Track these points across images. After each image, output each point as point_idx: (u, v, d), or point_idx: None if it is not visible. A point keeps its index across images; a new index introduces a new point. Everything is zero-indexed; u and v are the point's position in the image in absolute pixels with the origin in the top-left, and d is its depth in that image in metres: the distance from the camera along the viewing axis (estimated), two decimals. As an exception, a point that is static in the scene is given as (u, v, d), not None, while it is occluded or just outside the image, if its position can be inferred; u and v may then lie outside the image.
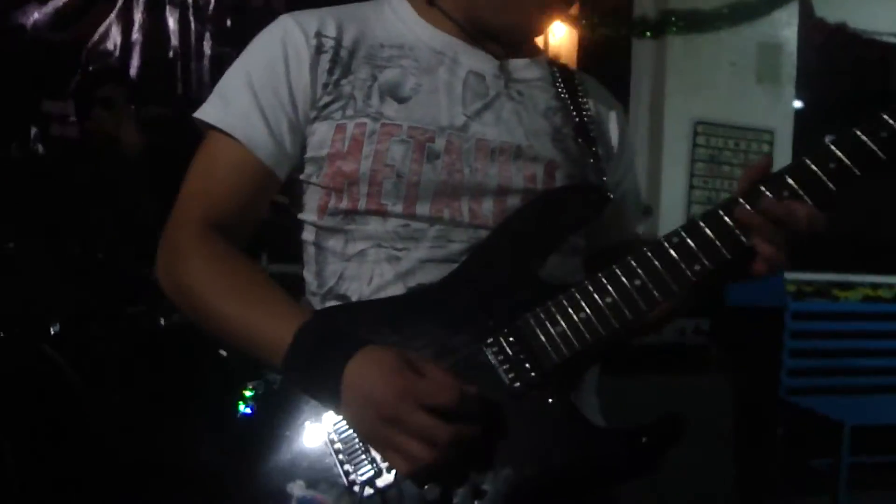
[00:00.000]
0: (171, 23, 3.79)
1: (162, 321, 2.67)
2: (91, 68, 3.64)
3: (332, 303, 1.05)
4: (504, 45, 1.12)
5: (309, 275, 1.10)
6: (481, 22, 1.10)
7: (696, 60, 3.41)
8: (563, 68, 1.20)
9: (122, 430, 2.41)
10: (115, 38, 3.74)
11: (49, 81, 3.60)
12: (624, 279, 0.94)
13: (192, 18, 3.82)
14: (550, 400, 0.93)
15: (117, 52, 3.75)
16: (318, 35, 1.06)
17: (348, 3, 1.16)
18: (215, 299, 0.99)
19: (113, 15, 3.67)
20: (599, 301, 0.94)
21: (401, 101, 1.05)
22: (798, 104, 3.72)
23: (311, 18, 1.09)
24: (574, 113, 1.14)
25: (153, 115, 3.37)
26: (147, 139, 3.02)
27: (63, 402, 2.37)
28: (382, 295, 1.01)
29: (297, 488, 0.93)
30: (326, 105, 1.05)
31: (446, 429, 0.85)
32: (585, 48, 3.42)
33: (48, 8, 3.58)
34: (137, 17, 3.73)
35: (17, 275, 2.59)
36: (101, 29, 3.67)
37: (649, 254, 0.95)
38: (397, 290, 1.01)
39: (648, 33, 3.26)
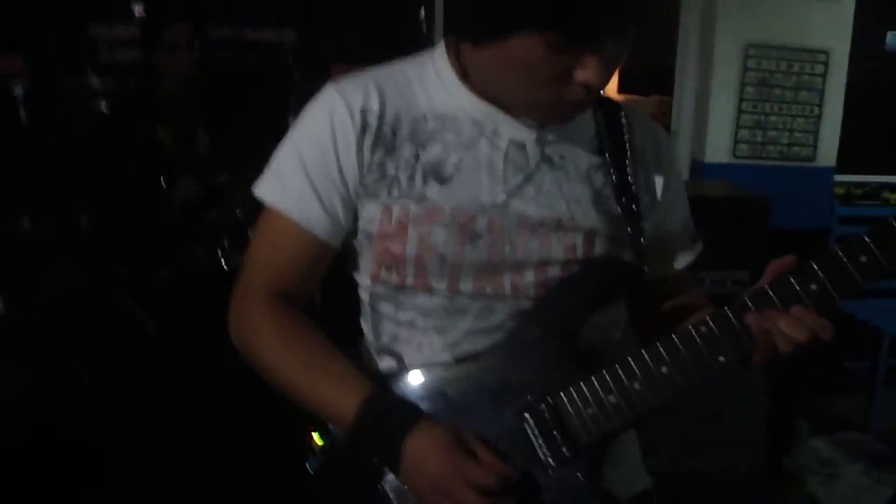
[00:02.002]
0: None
1: (224, 263, 2.78)
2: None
3: (387, 358, 1.15)
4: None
5: (366, 326, 1.19)
6: (505, 108, 1.11)
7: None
8: (608, 111, 1.20)
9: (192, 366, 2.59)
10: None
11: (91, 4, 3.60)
12: (652, 366, 1.01)
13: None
14: (579, 474, 1.04)
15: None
16: (363, 112, 1.10)
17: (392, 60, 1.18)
18: (285, 369, 1.10)
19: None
20: (629, 387, 1.02)
21: (443, 181, 1.09)
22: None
23: (356, 91, 1.12)
24: (615, 171, 1.16)
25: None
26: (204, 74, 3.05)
27: (137, 340, 2.55)
28: (433, 361, 1.11)
29: None
30: (373, 185, 1.10)
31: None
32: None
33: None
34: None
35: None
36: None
37: (677, 341, 1.01)
38: (446, 357, 1.10)
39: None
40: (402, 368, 1.12)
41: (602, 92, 1.11)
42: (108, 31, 3.54)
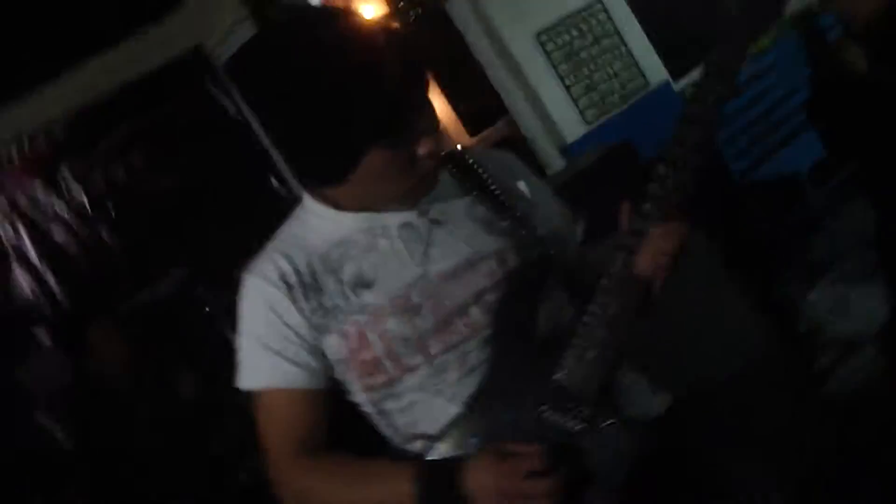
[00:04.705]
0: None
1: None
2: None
3: (416, 442, 1.29)
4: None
5: (384, 429, 1.32)
6: (377, 209, 1.29)
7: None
8: (456, 161, 1.39)
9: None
10: (25, 283, 3.85)
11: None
12: (600, 312, 1.20)
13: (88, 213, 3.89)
14: (606, 422, 1.20)
15: (36, 287, 3.86)
16: (281, 277, 1.27)
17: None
18: (337, 499, 1.25)
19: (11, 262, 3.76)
20: (597, 337, 1.20)
21: (370, 286, 1.27)
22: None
23: (267, 266, 1.29)
24: (487, 200, 1.35)
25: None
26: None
27: None
28: (450, 419, 1.26)
29: None
30: (321, 323, 1.26)
31: (549, 481, 1.13)
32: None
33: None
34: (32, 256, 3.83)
35: None
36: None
37: (605, 283, 1.21)
38: (457, 409, 1.26)
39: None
40: (431, 440, 1.27)
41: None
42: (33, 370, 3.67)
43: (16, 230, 3.87)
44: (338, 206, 1.31)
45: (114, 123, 3.89)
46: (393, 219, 1.30)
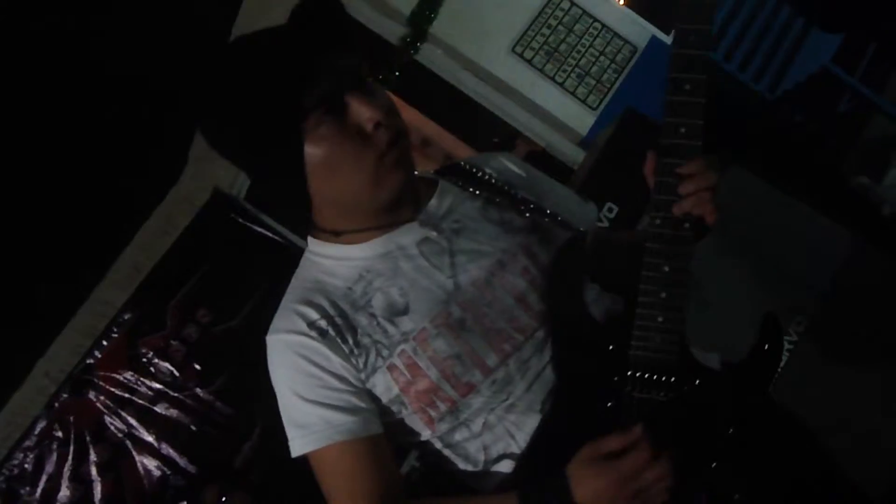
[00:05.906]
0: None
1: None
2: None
3: (503, 463, 1.21)
4: (409, 204, 1.24)
5: (460, 466, 1.23)
6: (375, 212, 1.20)
7: (460, 24, 3.62)
8: (451, 171, 1.35)
9: None
10: (151, 465, 4.00)
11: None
12: (654, 275, 1.13)
13: (178, 379, 4.06)
14: (697, 381, 1.13)
15: (161, 465, 4.00)
16: (310, 325, 1.18)
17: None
18: None
19: (133, 453, 3.94)
20: (657, 300, 1.13)
21: (405, 311, 1.18)
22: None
23: (292, 320, 1.20)
24: (496, 197, 1.30)
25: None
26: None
27: None
28: (529, 434, 1.19)
29: None
30: (365, 363, 1.18)
31: (660, 465, 1.06)
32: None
33: None
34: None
35: None
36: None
37: (653, 246, 1.14)
38: (535, 421, 1.19)
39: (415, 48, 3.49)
40: (519, 457, 1.20)
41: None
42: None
43: (124, 421, 4.03)
44: (345, 238, 1.23)
45: (171, 291, 4.04)
46: (408, 237, 1.22)
